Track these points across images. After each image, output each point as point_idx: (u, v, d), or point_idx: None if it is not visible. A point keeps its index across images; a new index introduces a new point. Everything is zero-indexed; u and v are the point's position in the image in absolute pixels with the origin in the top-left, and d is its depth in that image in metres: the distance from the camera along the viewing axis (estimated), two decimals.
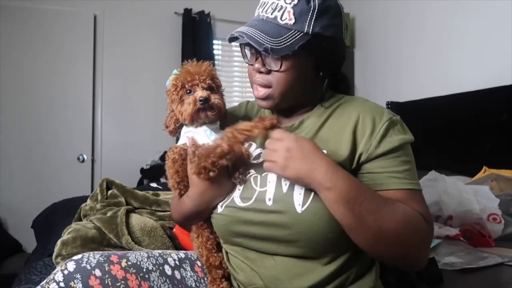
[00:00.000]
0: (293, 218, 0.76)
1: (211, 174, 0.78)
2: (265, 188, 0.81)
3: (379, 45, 3.27)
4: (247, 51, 0.87)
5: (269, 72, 0.83)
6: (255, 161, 0.89)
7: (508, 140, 2.06)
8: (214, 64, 0.88)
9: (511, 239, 1.50)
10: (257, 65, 0.84)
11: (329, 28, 0.82)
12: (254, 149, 0.92)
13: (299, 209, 0.76)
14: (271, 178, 0.82)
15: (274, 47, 0.77)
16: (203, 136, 0.86)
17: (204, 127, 0.87)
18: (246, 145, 0.93)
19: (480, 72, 2.38)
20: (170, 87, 0.88)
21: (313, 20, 0.80)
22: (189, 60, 0.90)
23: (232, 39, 0.83)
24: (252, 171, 0.86)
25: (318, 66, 0.86)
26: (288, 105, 0.89)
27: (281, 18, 0.80)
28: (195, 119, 0.86)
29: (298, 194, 0.77)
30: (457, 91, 2.39)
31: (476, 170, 1.98)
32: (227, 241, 0.90)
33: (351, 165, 0.81)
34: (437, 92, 2.55)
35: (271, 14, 0.81)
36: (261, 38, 0.78)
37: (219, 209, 0.86)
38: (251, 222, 0.81)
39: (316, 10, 0.80)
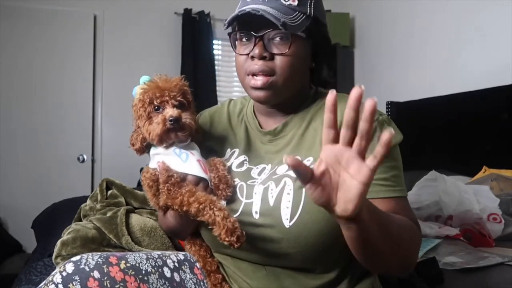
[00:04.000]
0: (281, 232, 0.74)
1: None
2: (251, 200, 0.79)
3: (379, 45, 3.25)
4: (242, 39, 0.80)
5: (272, 57, 0.77)
6: (238, 169, 0.86)
7: (508, 140, 2.06)
8: (185, 79, 0.81)
9: (511, 239, 1.50)
10: (257, 50, 0.76)
11: (323, 13, 0.82)
12: (237, 156, 0.88)
13: (286, 223, 0.73)
14: (257, 189, 0.79)
15: (289, 23, 0.73)
16: (173, 157, 0.79)
17: (173, 147, 0.81)
18: (229, 152, 0.90)
19: (480, 72, 2.37)
20: (136, 102, 0.81)
21: (313, 3, 0.79)
22: (159, 74, 0.83)
23: (232, 22, 0.78)
24: (236, 180, 0.83)
25: (315, 53, 0.83)
26: (284, 98, 0.82)
27: None
28: (164, 140, 0.78)
29: (286, 207, 0.74)
30: (457, 91, 2.39)
31: (476, 170, 1.97)
32: (217, 251, 0.88)
33: None
34: (437, 92, 2.54)
35: None
36: (275, 14, 0.73)
37: None
38: None
39: None
